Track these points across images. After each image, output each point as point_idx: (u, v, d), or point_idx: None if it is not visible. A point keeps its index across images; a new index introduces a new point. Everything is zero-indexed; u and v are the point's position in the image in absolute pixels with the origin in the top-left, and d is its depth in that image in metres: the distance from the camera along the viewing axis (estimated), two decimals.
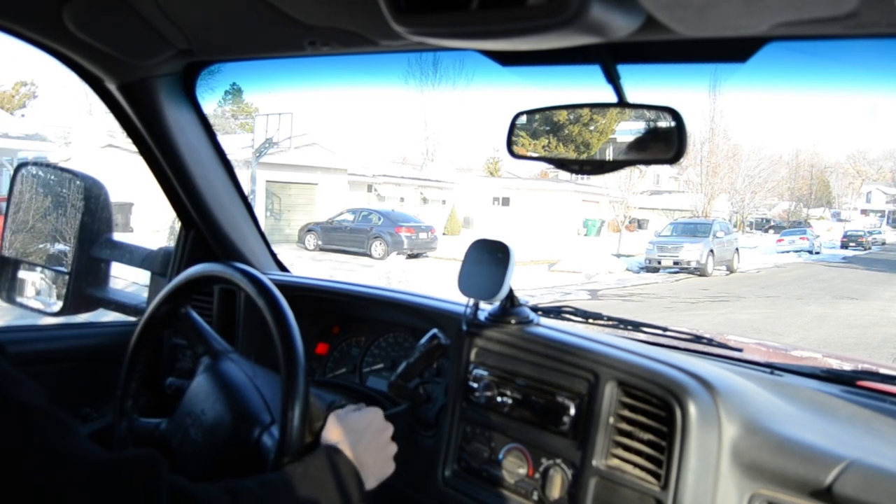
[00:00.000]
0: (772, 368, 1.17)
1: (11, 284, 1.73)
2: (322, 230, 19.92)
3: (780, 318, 10.37)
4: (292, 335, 0.97)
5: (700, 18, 0.67)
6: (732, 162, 32.85)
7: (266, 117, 20.04)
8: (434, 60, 36.95)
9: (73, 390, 1.59)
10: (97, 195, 1.65)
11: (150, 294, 1.76)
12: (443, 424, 1.18)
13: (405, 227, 18.90)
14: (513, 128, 1.09)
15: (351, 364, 1.55)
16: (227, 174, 1.64)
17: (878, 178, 59.73)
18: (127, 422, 1.19)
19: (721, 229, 19.33)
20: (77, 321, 1.72)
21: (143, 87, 1.41)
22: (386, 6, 0.69)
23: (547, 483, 1.00)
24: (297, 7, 1.01)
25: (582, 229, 29.77)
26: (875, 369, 1.15)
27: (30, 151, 16.37)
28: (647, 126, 1.01)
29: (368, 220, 19.35)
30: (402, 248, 18.38)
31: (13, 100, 32.42)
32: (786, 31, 0.69)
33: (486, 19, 0.66)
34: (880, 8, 0.62)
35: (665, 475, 0.88)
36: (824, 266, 22.02)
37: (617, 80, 0.94)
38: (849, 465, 0.78)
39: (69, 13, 1.12)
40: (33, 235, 1.73)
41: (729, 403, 0.90)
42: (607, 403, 0.97)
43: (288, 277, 1.69)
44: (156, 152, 1.54)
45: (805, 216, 48.79)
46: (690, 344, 1.30)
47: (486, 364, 1.13)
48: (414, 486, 1.19)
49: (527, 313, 1.15)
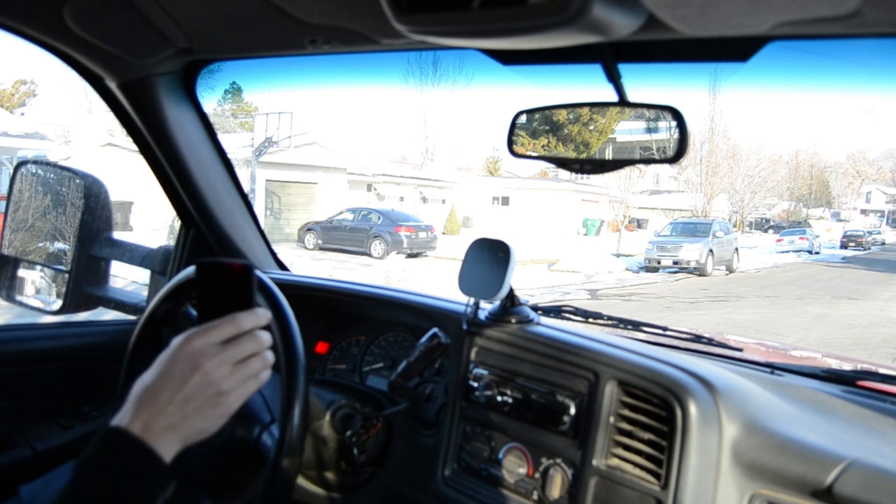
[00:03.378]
0: (772, 368, 1.17)
1: (11, 283, 1.73)
2: (322, 229, 19.91)
3: (779, 318, 10.37)
4: (292, 334, 0.97)
5: (702, 17, 0.67)
6: (732, 161, 32.87)
7: (266, 116, 20.04)
8: (434, 59, 36.97)
9: (73, 389, 1.59)
10: (97, 193, 1.65)
11: (149, 293, 1.76)
12: (443, 424, 1.18)
13: (405, 226, 18.90)
14: (513, 127, 1.09)
15: (351, 363, 1.55)
16: (227, 173, 1.64)
17: (877, 178, 59.76)
18: None
19: (720, 229, 19.33)
20: (77, 320, 1.72)
21: (143, 85, 1.41)
22: (387, 5, 0.69)
23: (547, 482, 1.00)
24: (298, 5, 1.01)
25: (581, 229, 29.77)
26: (875, 369, 1.15)
27: (29, 150, 16.35)
28: (647, 126, 1.01)
29: (368, 220, 19.35)
30: (401, 247, 18.38)
31: (13, 98, 32.40)
32: (787, 31, 0.69)
33: (488, 18, 0.66)
34: (882, 7, 0.62)
35: (665, 475, 0.88)
36: (824, 266, 22.03)
37: (618, 80, 0.93)
38: (849, 464, 0.78)
39: (70, 11, 1.12)
40: (33, 234, 1.73)
41: (729, 403, 0.90)
42: (607, 403, 0.97)
43: (288, 276, 1.69)
44: (156, 151, 1.54)
45: (804, 216, 48.81)
46: (690, 344, 1.30)
47: (486, 363, 1.13)
48: (414, 486, 1.18)
49: (527, 312, 1.15)
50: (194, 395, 0.74)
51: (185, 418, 0.73)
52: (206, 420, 0.75)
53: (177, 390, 0.74)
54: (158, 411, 0.73)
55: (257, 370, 0.79)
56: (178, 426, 0.73)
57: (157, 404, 0.73)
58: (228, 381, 0.76)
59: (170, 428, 0.73)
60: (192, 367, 0.74)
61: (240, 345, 0.77)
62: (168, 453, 0.73)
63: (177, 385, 0.74)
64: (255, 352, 0.78)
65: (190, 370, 0.74)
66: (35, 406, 1.54)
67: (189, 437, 0.75)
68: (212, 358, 0.75)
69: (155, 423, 0.72)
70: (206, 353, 0.75)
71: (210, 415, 0.75)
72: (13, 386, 1.50)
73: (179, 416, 0.73)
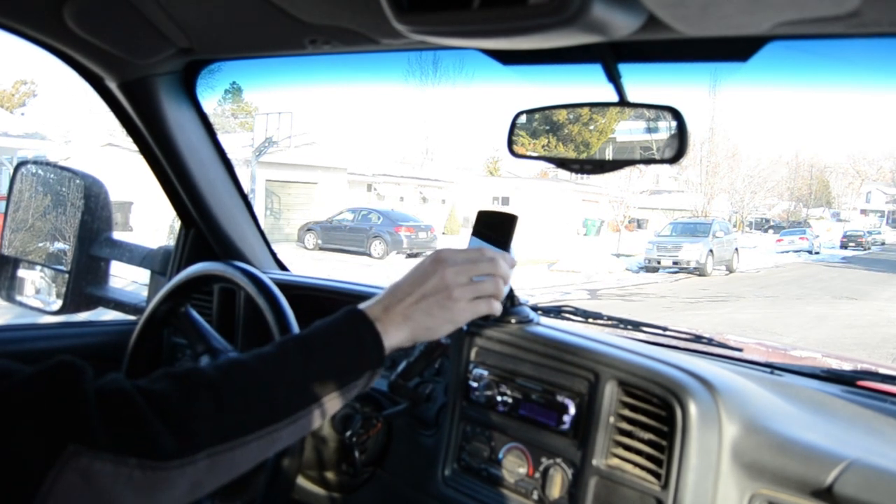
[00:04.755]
0: (772, 368, 1.17)
1: (11, 283, 1.73)
2: (321, 229, 19.91)
3: (779, 318, 10.37)
4: (292, 334, 0.97)
5: (702, 17, 0.67)
6: (732, 162, 32.88)
7: (266, 116, 20.07)
8: (434, 59, 37.02)
9: None
10: (97, 194, 1.65)
11: (149, 293, 1.76)
12: (443, 424, 1.18)
13: (405, 226, 18.90)
14: (513, 127, 1.09)
15: None
16: (227, 173, 1.64)
17: (877, 178, 59.72)
18: None
19: (720, 229, 19.34)
20: (77, 320, 1.72)
21: (143, 85, 1.41)
22: (388, 5, 0.69)
23: (547, 482, 1.00)
24: (298, 5, 1.01)
25: (581, 229, 29.78)
26: (875, 369, 1.15)
27: (29, 150, 16.35)
28: (647, 126, 1.01)
29: (368, 220, 19.35)
30: (401, 247, 18.39)
31: (13, 98, 32.41)
32: (787, 31, 0.69)
33: (488, 18, 0.66)
34: (882, 7, 0.62)
35: (665, 474, 0.88)
36: (824, 266, 22.03)
37: (618, 79, 0.93)
38: (849, 464, 0.78)
39: (70, 11, 1.12)
40: (33, 234, 1.73)
41: (729, 403, 0.90)
42: (607, 403, 0.97)
43: (288, 276, 1.69)
44: (156, 151, 1.54)
45: (804, 216, 48.82)
46: (690, 343, 1.30)
47: (486, 363, 1.13)
48: (414, 486, 1.18)
49: (527, 312, 1.15)
50: (429, 293, 0.85)
51: (418, 311, 0.84)
52: (434, 319, 0.85)
53: (417, 285, 0.86)
54: (398, 300, 0.85)
55: (489, 291, 0.89)
56: (410, 317, 0.84)
57: (399, 294, 0.85)
58: (460, 289, 0.86)
59: (404, 316, 0.84)
60: (433, 270, 0.86)
61: (478, 263, 0.89)
62: (394, 340, 0.83)
63: (418, 282, 0.86)
64: (491, 273, 0.89)
65: (431, 272, 0.86)
66: None
67: (416, 331, 0.85)
68: (452, 266, 0.87)
69: (393, 309, 0.84)
70: (449, 261, 0.87)
71: (438, 315, 0.85)
72: None
73: (413, 308, 0.84)
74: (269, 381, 0.75)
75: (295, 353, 0.78)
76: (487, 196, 31.27)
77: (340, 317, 0.83)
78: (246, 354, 0.78)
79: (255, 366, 0.76)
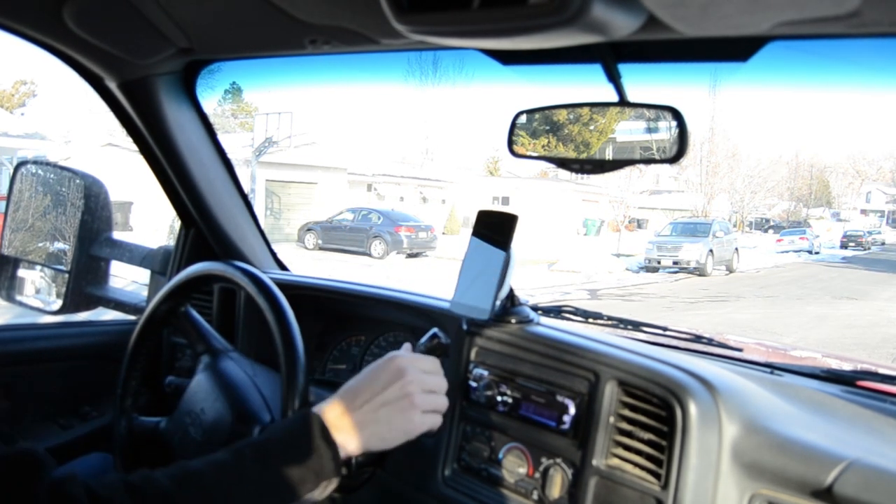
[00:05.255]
0: (772, 368, 1.17)
1: (11, 283, 1.73)
2: (322, 229, 19.91)
3: (779, 318, 10.37)
4: (292, 334, 0.97)
5: (702, 17, 0.67)
6: (732, 161, 32.88)
7: (266, 116, 20.06)
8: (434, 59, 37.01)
9: (73, 389, 1.59)
10: (97, 194, 1.65)
11: (149, 293, 1.76)
12: (443, 424, 1.18)
13: (405, 226, 18.90)
14: (513, 127, 1.09)
15: (351, 363, 1.55)
16: (227, 173, 1.64)
17: (877, 178, 59.69)
18: (126, 420, 1.19)
19: (720, 229, 19.34)
20: (77, 320, 1.72)
21: (143, 85, 1.41)
22: (387, 5, 0.69)
23: (547, 482, 1.00)
24: (298, 6, 1.01)
25: (581, 229, 29.78)
26: (875, 369, 1.15)
27: (29, 150, 16.35)
28: (647, 126, 1.01)
29: (368, 220, 19.34)
30: (401, 247, 18.39)
31: (13, 98, 32.40)
32: (787, 31, 0.69)
33: (488, 18, 0.66)
34: (882, 7, 0.62)
35: (665, 475, 0.88)
36: (824, 266, 22.03)
37: (618, 79, 0.93)
38: (849, 464, 0.78)
39: (69, 11, 1.12)
40: (33, 234, 1.73)
41: (729, 403, 0.90)
42: (607, 403, 0.97)
43: (288, 276, 1.69)
44: (156, 151, 1.54)
45: (805, 216, 48.81)
46: (690, 344, 1.30)
47: (486, 363, 1.13)
48: (414, 486, 1.18)
49: (527, 312, 1.15)
50: (390, 400, 0.84)
51: (375, 421, 0.83)
52: (391, 429, 0.84)
53: (376, 393, 0.85)
54: (355, 406, 0.83)
55: (439, 406, 0.91)
56: (366, 426, 0.82)
57: (357, 399, 0.84)
58: (420, 398, 0.87)
59: (359, 425, 0.82)
60: (394, 378, 0.86)
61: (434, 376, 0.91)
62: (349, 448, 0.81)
63: (377, 388, 0.85)
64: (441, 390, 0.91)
65: (392, 379, 0.86)
66: (35, 406, 1.54)
67: (370, 440, 0.83)
68: (412, 375, 0.87)
69: (350, 414, 0.82)
70: (409, 370, 0.87)
71: (396, 424, 0.84)
72: (13, 386, 1.51)
73: (372, 415, 0.83)
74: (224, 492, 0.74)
75: (251, 462, 0.76)
76: (487, 196, 31.27)
77: (297, 422, 0.81)
78: (201, 461, 0.76)
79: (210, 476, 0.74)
